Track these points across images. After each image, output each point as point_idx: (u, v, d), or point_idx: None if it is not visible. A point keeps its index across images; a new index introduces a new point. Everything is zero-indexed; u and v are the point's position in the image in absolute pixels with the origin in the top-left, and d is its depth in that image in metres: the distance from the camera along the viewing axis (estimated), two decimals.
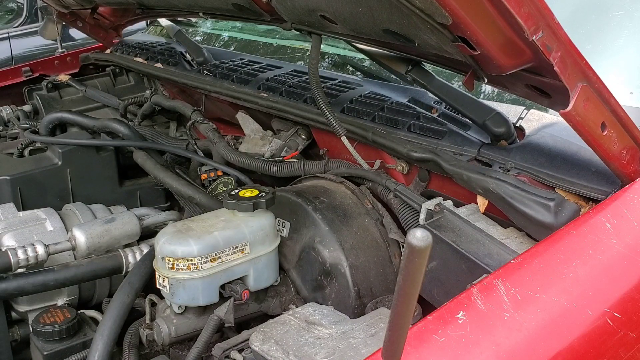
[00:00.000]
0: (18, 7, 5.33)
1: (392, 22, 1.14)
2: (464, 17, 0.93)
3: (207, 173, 1.89)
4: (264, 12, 1.54)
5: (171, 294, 1.22)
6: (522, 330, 0.82)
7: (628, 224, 1.01)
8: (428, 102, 1.55)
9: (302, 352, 1.01)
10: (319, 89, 1.48)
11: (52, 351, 1.30)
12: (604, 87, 0.99)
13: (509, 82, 1.14)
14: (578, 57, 0.95)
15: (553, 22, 0.91)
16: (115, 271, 1.43)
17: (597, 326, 0.88)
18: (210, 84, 1.94)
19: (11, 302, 1.45)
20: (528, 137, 1.29)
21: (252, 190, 1.31)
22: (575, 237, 0.97)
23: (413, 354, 0.76)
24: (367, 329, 1.07)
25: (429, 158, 1.29)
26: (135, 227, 1.54)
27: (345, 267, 1.30)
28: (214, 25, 2.74)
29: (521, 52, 0.98)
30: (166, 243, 1.21)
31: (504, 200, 1.12)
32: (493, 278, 0.88)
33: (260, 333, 1.08)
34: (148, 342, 1.28)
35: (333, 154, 1.63)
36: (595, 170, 1.12)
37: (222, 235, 1.22)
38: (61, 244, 1.43)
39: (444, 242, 1.13)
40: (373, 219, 1.40)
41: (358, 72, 1.98)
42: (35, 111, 2.40)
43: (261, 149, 1.78)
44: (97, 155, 1.85)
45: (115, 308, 1.23)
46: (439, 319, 0.81)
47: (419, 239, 0.54)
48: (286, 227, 1.40)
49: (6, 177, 1.70)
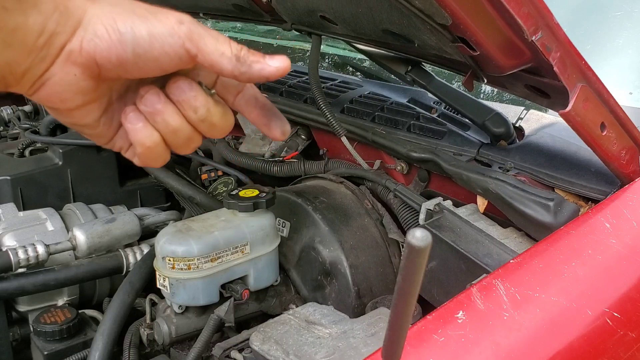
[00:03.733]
0: None
1: (391, 23, 1.14)
2: (463, 18, 0.93)
3: (207, 173, 1.89)
4: (264, 13, 1.54)
5: (171, 294, 1.22)
6: (521, 330, 0.82)
7: (627, 224, 1.01)
8: (428, 103, 1.55)
9: (302, 352, 1.01)
10: (319, 89, 1.48)
11: (53, 351, 1.30)
12: (603, 88, 0.99)
13: (509, 82, 1.14)
14: (577, 58, 0.95)
15: (552, 22, 0.91)
16: (115, 271, 1.43)
17: (597, 326, 0.88)
18: None
19: (12, 301, 1.45)
20: (527, 137, 1.29)
21: (252, 190, 1.31)
22: (575, 237, 0.97)
23: (413, 354, 0.76)
24: (367, 329, 1.07)
25: (428, 158, 1.29)
26: (136, 227, 1.54)
27: (345, 267, 1.31)
28: (214, 25, 2.74)
29: (521, 52, 0.98)
30: (167, 243, 1.21)
31: (504, 200, 1.12)
32: (492, 278, 0.88)
33: (260, 333, 1.08)
34: (148, 342, 1.28)
35: (333, 154, 1.63)
36: (594, 170, 1.12)
37: (222, 235, 1.23)
38: (62, 243, 1.43)
39: (443, 242, 1.13)
40: (373, 219, 1.40)
41: (358, 73, 1.98)
42: (36, 111, 2.40)
43: (261, 149, 1.78)
44: (97, 156, 1.85)
45: (115, 308, 1.23)
46: (439, 319, 0.81)
47: (418, 239, 0.54)
48: (286, 227, 1.40)
49: (7, 177, 1.70)
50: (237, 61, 0.60)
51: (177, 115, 0.61)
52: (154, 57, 0.57)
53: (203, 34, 0.59)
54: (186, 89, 0.61)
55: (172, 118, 0.61)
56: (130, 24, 0.56)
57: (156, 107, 0.61)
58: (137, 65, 0.57)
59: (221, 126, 0.64)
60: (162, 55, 0.57)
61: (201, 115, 0.62)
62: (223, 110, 0.64)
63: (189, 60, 0.59)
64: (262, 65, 0.62)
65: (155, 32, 0.57)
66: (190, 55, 0.58)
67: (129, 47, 0.56)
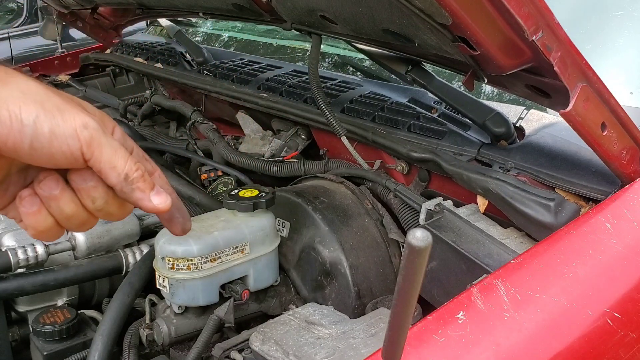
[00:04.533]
0: (18, 7, 5.33)
1: (392, 22, 1.14)
2: (464, 17, 0.93)
3: (207, 173, 1.89)
4: (264, 12, 1.54)
5: (171, 294, 1.22)
6: (522, 330, 0.82)
7: (628, 224, 1.01)
8: (428, 102, 1.55)
9: (302, 352, 1.01)
10: (319, 89, 1.48)
11: (52, 351, 1.29)
12: (604, 87, 0.99)
13: (509, 82, 1.14)
14: (578, 57, 0.95)
15: (553, 22, 0.91)
16: (115, 271, 1.43)
17: (597, 326, 0.88)
18: (210, 84, 1.94)
19: (11, 302, 1.45)
20: (528, 137, 1.29)
21: (252, 190, 1.31)
22: (575, 237, 0.97)
23: (413, 354, 0.76)
24: (367, 329, 1.07)
25: (429, 158, 1.29)
26: (135, 227, 1.54)
27: (345, 267, 1.30)
28: (214, 25, 2.74)
29: (521, 52, 0.98)
30: (166, 243, 1.21)
31: (504, 200, 1.12)
32: (493, 278, 0.88)
33: (260, 333, 1.08)
34: (148, 342, 1.28)
35: (333, 154, 1.63)
36: (595, 170, 1.12)
37: (222, 235, 1.22)
38: (61, 244, 1.43)
39: (444, 242, 1.13)
40: (373, 219, 1.40)
41: (358, 72, 1.98)
42: None
43: (261, 149, 1.78)
44: None
45: (115, 308, 1.23)
46: (439, 319, 0.81)
47: (418, 239, 0.54)
48: (286, 227, 1.40)
49: None
50: (124, 180, 0.61)
51: (72, 203, 0.62)
52: (50, 153, 0.57)
53: (103, 143, 0.59)
54: (87, 179, 0.61)
55: (68, 206, 0.61)
56: (35, 117, 0.56)
57: (53, 193, 0.61)
58: (31, 156, 0.58)
59: (118, 215, 0.64)
60: (59, 153, 0.58)
61: (98, 206, 0.62)
62: (121, 201, 0.64)
63: (82, 163, 0.59)
64: (142, 196, 0.62)
65: (58, 131, 0.57)
66: (84, 158, 0.59)
67: (27, 139, 0.56)
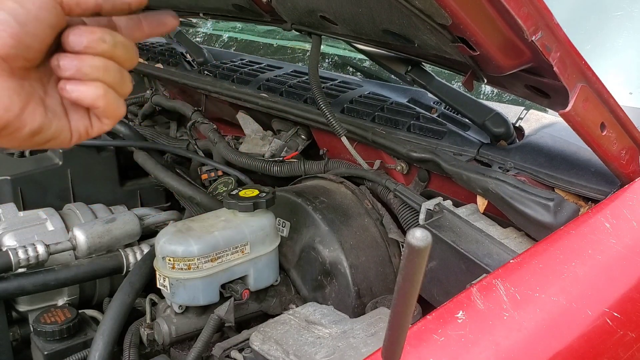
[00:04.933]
0: None
1: (391, 23, 1.14)
2: (463, 18, 0.93)
3: (207, 173, 1.89)
4: (264, 13, 1.54)
5: (172, 294, 1.22)
6: (521, 330, 0.82)
7: (627, 224, 1.01)
8: (428, 103, 1.55)
9: (302, 352, 1.01)
10: (319, 89, 1.48)
11: (53, 351, 1.30)
12: (603, 88, 0.99)
13: (509, 82, 1.14)
14: (577, 58, 0.95)
15: (552, 22, 0.91)
16: (115, 271, 1.44)
17: (597, 326, 0.88)
18: (211, 85, 1.95)
19: (12, 301, 1.45)
20: (527, 137, 1.29)
21: (252, 190, 1.31)
22: (575, 237, 0.97)
23: (413, 354, 0.76)
24: (367, 329, 1.07)
25: (428, 158, 1.29)
26: (136, 227, 1.54)
27: (345, 266, 1.31)
28: (214, 25, 2.74)
29: (520, 52, 0.98)
30: (167, 243, 1.21)
31: (504, 200, 1.12)
32: (492, 278, 0.88)
33: (261, 333, 1.08)
34: (148, 342, 1.28)
35: (333, 154, 1.63)
36: (594, 170, 1.12)
37: (222, 235, 1.23)
38: (62, 243, 1.44)
39: (443, 241, 1.13)
40: (373, 218, 1.40)
41: (358, 73, 1.98)
42: None
43: (261, 149, 1.78)
44: (97, 156, 1.85)
45: (115, 308, 1.23)
46: (439, 319, 0.81)
47: (418, 239, 0.54)
48: (286, 227, 1.40)
49: (7, 177, 1.71)
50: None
51: (94, 57, 0.64)
52: (35, 17, 0.59)
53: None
54: (81, 31, 0.64)
55: (93, 61, 0.64)
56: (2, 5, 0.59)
57: (74, 63, 0.63)
58: (29, 34, 0.60)
59: (130, 46, 0.67)
60: (41, 11, 0.60)
61: (110, 40, 0.64)
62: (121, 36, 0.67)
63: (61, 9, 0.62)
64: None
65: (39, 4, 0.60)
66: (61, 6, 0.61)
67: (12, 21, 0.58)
